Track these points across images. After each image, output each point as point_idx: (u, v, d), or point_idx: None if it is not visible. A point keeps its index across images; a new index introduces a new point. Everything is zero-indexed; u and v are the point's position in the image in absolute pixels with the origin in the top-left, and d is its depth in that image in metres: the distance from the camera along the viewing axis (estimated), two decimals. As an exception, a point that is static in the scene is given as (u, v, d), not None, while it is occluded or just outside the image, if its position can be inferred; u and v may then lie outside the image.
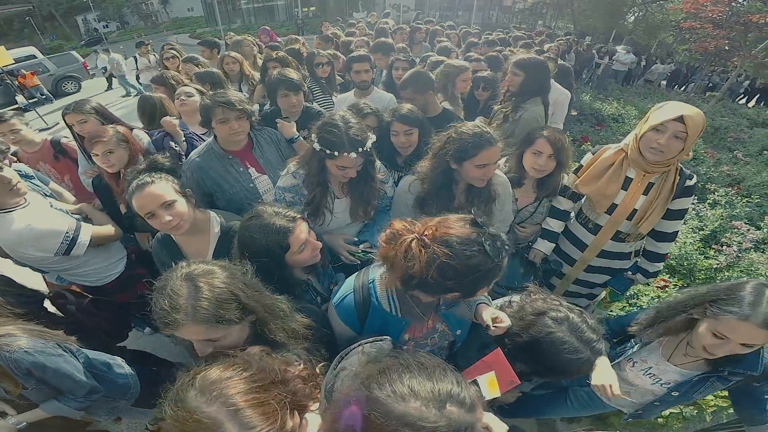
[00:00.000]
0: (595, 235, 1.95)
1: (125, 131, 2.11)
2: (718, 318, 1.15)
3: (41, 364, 1.25)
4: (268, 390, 0.76)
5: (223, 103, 1.83)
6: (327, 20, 11.46)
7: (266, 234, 1.25)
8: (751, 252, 3.10)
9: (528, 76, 2.51)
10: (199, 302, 0.95)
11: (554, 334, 1.09)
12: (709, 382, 1.32)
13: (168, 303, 0.94)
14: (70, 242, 1.73)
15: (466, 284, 0.94)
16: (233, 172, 2.00)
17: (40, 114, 9.21)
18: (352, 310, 1.18)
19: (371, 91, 2.92)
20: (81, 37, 37.49)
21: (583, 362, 1.08)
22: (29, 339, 1.26)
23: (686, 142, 1.53)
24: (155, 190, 1.42)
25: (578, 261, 2.08)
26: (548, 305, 1.18)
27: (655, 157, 1.61)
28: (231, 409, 0.68)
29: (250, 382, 0.75)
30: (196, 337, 0.99)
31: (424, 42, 5.68)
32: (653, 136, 1.57)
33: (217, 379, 0.73)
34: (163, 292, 0.97)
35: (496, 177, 1.74)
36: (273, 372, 0.81)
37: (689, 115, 1.48)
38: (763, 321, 1.07)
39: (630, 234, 1.87)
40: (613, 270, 2.07)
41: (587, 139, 5.45)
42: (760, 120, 9.28)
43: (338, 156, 1.52)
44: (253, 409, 0.70)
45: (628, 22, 20.72)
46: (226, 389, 0.71)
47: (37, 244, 1.66)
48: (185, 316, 0.93)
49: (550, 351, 1.08)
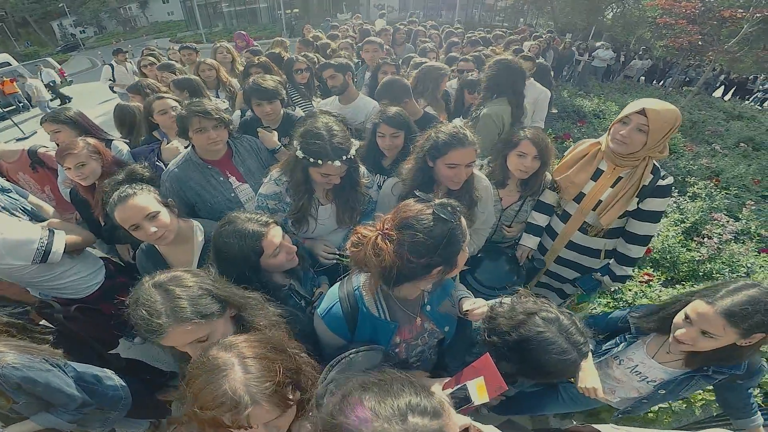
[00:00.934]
0: (564, 224, 2.00)
1: (96, 143, 2.06)
2: (692, 301, 1.23)
3: (30, 378, 1.25)
4: (276, 355, 0.85)
5: (199, 113, 1.80)
6: (309, 22, 11.38)
7: (239, 239, 1.27)
8: (732, 243, 3.18)
9: (493, 76, 2.57)
10: (175, 303, 0.98)
11: (543, 333, 1.09)
12: (695, 380, 1.35)
13: (145, 312, 0.96)
14: (45, 248, 1.71)
15: (441, 254, 0.98)
16: (213, 182, 1.97)
17: (16, 122, 8.93)
18: (341, 319, 1.17)
19: (356, 96, 2.87)
20: (57, 42, 36.56)
21: (569, 364, 1.08)
22: (16, 354, 1.26)
23: (649, 135, 1.57)
24: (138, 202, 1.41)
25: (550, 250, 2.13)
26: (539, 306, 1.19)
27: (618, 148, 1.67)
28: (240, 357, 0.81)
29: (263, 344, 0.86)
30: (183, 340, 1.00)
31: (407, 43, 5.68)
32: (618, 128, 1.65)
33: (236, 340, 0.86)
34: (137, 305, 0.98)
35: (478, 181, 1.75)
36: (284, 346, 0.91)
37: (651, 109, 1.53)
38: (724, 309, 1.13)
39: (594, 226, 1.89)
40: (583, 267, 2.09)
41: (569, 136, 5.51)
42: (736, 113, 9.57)
43: (322, 164, 1.51)
44: (259, 361, 0.81)
45: (606, 19, 21.17)
46: (241, 344, 0.84)
47: (13, 252, 1.64)
48: (167, 319, 0.96)
49: (538, 350, 1.08)
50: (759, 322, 1.10)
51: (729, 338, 1.15)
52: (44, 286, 1.87)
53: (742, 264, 2.99)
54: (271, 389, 0.77)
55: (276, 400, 0.78)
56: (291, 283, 1.50)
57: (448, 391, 1.09)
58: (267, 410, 0.77)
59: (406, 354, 1.25)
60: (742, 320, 1.11)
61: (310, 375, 0.96)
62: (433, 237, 0.96)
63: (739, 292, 1.14)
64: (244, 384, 0.76)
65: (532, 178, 1.96)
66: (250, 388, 0.76)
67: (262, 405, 0.76)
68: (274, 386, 0.78)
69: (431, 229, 0.97)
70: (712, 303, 1.16)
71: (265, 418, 0.78)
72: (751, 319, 1.10)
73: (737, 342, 1.16)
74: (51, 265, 1.77)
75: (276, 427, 0.82)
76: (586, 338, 1.14)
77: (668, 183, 1.71)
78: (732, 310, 1.12)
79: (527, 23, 22.88)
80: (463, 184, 1.67)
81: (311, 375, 0.97)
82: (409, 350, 1.25)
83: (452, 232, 0.98)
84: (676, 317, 1.26)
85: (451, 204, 1.02)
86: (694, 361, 1.31)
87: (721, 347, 1.19)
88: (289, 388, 0.83)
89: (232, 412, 0.74)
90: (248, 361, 0.80)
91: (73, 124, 2.38)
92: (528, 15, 27.90)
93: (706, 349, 1.21)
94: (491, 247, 2.13)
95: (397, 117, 2.06)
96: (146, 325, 0.95)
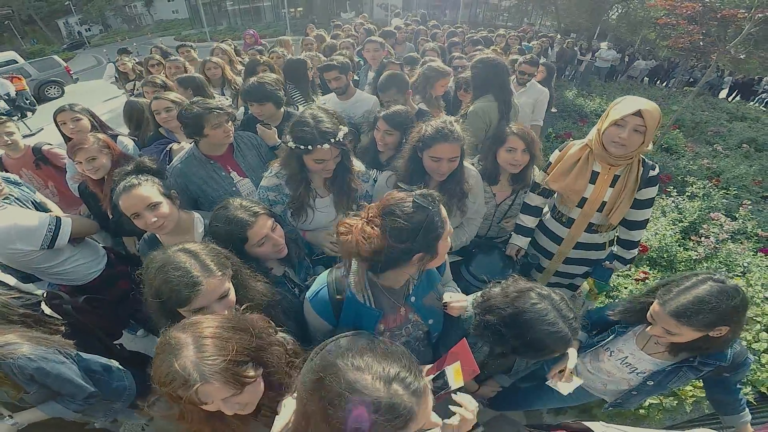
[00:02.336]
0: (569, 229, 2.02)
1: (105, 138, 2.13)
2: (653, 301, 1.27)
3: (44, 369, 1.28)
4: (233, 334, 0.87)
5: (215, 108, 1.89)
6: (312, 22, 11.39)
7: (227, 224, 1.35)
8: (728, 243, 3.20)
9: (477, 74, 2.61)
10: (202, 259, 1.10)
11: (537, 305, 1.14)
12: (682, 372, 1.37)
13: (180, 272, 1.04)
14: (53, 233, 1.81)
15: (422, 240, 1.03)
16: (216, 177, 2.02)
17: (23, 119, 9.03)
18: (327, 303, 1.22)
19: (353, 93, 2.91)
20: (63, 40, 36.81)
21: (560, 337, 1.12)
22: (31, 346, 1.30)
23: (646, 135, 1.60)
24: (142, 191, 1.48)
25: (556, 254, 2.15)
26: (533, 284, 1.25)
27: (618, 151, 1.68)
28: (196, 336, 0.83)
29: (221, 324, 0.88)
30: (215, 293, 1.09)
31: (408, 42, 5.71)
32: (615, 131, 1.64)
33: (196, 320, 0.89)
34: (164, 269, 1.06)
35: (467, 170, 1.80)
36: (245, 325, 0.92)
37: (647, 110, 1.55)
38: (671, 310, 1.17)
39: (602, 225, 1.94)
40: (591, 261, 2.14)
41: (570, 135, 5.54)
42: (739, 114, 9.56)
43: (313, 150, 1.56)
44: (213, 341, 0.83)
45: (611, 19, 21.05)
46: (198, 324, 0.87)
47: (24, 238, 1.73)
48: (201, 273, 1.06)
49: (532, 322, 1.12)
50: (707, 320, 1.13)
51: (690, 334, 1.19)
52: (48, 272, 1.93)
53: (738, 263, 3.01)
54: (221, 366, 0.80)
55: (227, 377, 0.80)
56: (286, 270, 1.56)
57: (429, 377, 1.12)
58: (218, 387, 0.80)
59: None
60: (689, 320, 1.14)
61: (278, 353, 0.98)
62: (412, 223, 1.01)
63: (688, 291, 1.17)
64: (194, 362, 0.79)
65: (523, 171, 2.02)
66: (199, 366, 0.79)
67: (212, 383, 0.79)
68: (225, 364, 0.80)
69: (411, 216, 1.02)
70: (663, 304, 1.20)
71: (219, 395, 0.81)
72: (697, 317, 1.14)
73: (709, 334, 1.18)
74: (56, 251, 1.85)
75: (238, 403, 0.86)
76: (575, 315, 1.18)
77: (657, 172, 1.81)
78: (678, 311, 1.16)
79: (530, 23, 22.82)
80: (453, 176, 1.72)
81: (280, 354, 0.99)
82: (393, 340, 1.27)
83: (430, 218, 1.02)
84: (648, 314, 1.30)
85: (431, 194, 1.06)
86: (678, 352, 1.34)
87: (697, 338, 1.21)
88: (246, 366, 0.85)
89: (182, 388, 0.77)
90: (203, 340, 0.83)
91: (89, 114, 2.50)
92: (532, 15, 27.80)
93: (681, 341, 1.24)
94: (487, 242, 2.17)
95: (395, 116, 2.08)
96: (181, 285, 1.03)
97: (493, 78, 2.56)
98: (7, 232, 1.70)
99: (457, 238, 1.94)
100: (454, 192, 1.73)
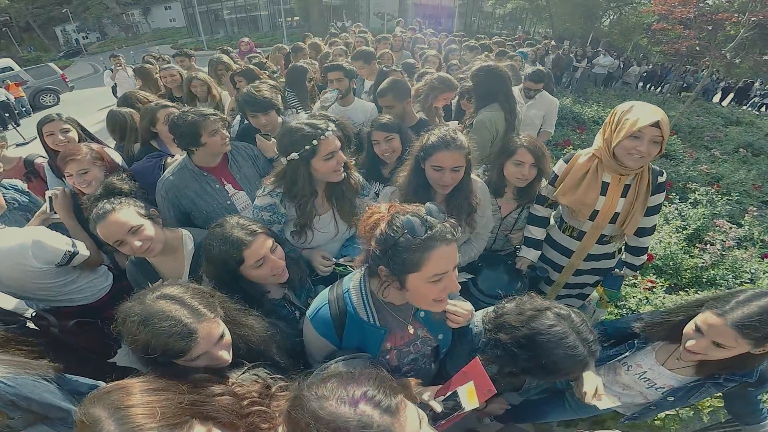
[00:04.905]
0: (579, 241, 1.96)
1: (99, 149, 2.05)
2: (703, 311, 1.20)
3: (24, 395, 1.23)
4: (156, 395, 0.79)
5: (210, 114, 1.81)
6: (310, 30, 11.43)
7: (222, 243, 1.25)
8: (735, 249, 3.16)
9: (477, 84, 2.57)
10: (189, 303, 0.97)
11: (555, 327, 1.09)
12: (705, 388, 1.33)
13: (170, 322, 0.91)
14: (72, 251, 1.73)
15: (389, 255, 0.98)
16: (209, 190, 1.94)
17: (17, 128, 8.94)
18: (329, 322, 1.15)
19: (351, 100, 2.89)
20: (60, 48, 36.82)
21: (578, 360, 1.07)
22: (10, 370, 1.23)
23: (663, 144, 1.55)
24: (119, 217, 1.38)
25: (566, 267, 2.08)
26: (550, 303, 1.20)
27: (637, 164, 1.61)
28: (112, 408, 0.73)
29: (139, 388, 0.79)
30: (212, 338, 0.98)
31: (405, 50, 5.71)
32: (631, 144, 1.55)
33: (108, 388, 0.80)
34: (150, 323, 0.91)
35: (474, 183, 1.73)
36: (167, 383, 0.84)
37: (662, 120, 1.50)
38: (734, 321, 1.10)
39: (615, 236, 1.89)
40: (601, 270, 2.09)
41: (569, 142, 5.53)
42: (734, 118, 9.63)
43: (319, 144, 1.49)
44: (134, 408, 0.74)
45: (603, 26, 21.35)
46: (111, 393, 0.77)
47: (41, 254, 1.64)
48: (193, 319, 0.94)
49: (550, 344, 1.07)
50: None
51: (742, 348, 1.13)
52: (59, 292, 1.85)
53: (745, 270, 2.97)
54: None
55: None
56: (285, 293, 1.47)
57: (440, 398, 1.07)
58: None
59: (397, 361, 1.22)
60: (754, 331, 1.08)
61: (226, 402, 0.90)
62: (390, 232, 0.98)
63: (750, 302, 1.12)
64: None
65: (529, 185, 1.95)
66: None
67: None
68: (157, 430, 0.72)
69: (394, 227, 0.97)
70: (722, 315, 1.13)
71: None
72: (763, 330, 1.08)
73: (751, 351, 1.14)
74: (68, 269, 1.78)
75: None
76: (595, 337, 1.13)
77: (665, 178, 1.79)
78: (743, 322, 1.09)
79: (525, 30, 23.08)
80: (460, 189, 1.64)
81: (228, 401, 0.91)
82: (401, 357, 1.23)
83: (406, 240, 0.95)
84: (686, 328, 1.24)
85: (428, 220, 0.97)
86: (706, 369, 1.29)
87: (734, 356, 1.16)
88: (187, 426, 0.77)
89: None
90: (123, 411, 0.74)
91: (76, 124, 2.40)
92: (526, 22, 28.16)
93: (719, 358, 1.18)
94: (493, 257, 2.11)
95: (387, 122, 2.07)
96: (177, 332, 0.91)
97: (497, 87, 2.51)
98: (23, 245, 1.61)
99: (465, 254, 1.87)
100: (462, 207, 1.66)
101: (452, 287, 1.03)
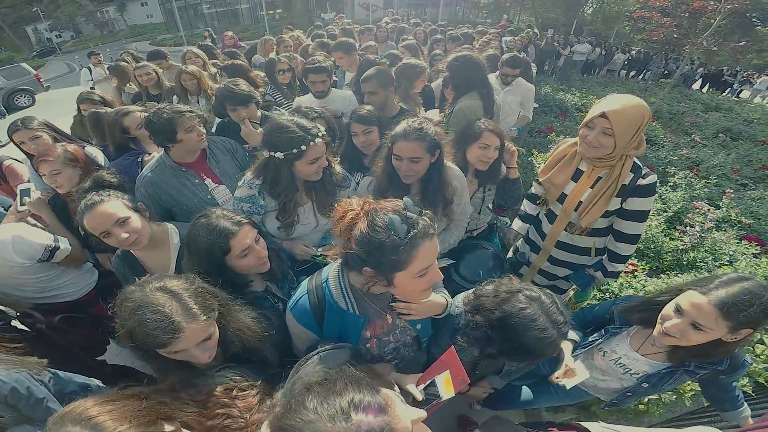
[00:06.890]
0: (551, 224, 2.00)
1: (76, 149, 2.01)
2: (684, 291, 1.20)
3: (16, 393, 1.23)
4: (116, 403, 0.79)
5: (185, 111, 1.80)
6: (292, 22, 11.24)
7: (208, 233, 1.25)
8: (713, 231, 3.23)
9: (453, 73, 2.58)
10: (185, 302, 0.98)
11: (525, 310, 1.10)
12: (677, 375, 1.34)
13: (159, 316, 0.93)
14: (53, 247, 1.76)
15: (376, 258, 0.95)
16: (189, 185, 1.91)
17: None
18: (308, 312, 1.16)
19: (329, 93, 2.87)
20: (32, 47, 35.50)
21: (549, 342, 1.09)
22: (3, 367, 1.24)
23: (616, 137, 1.53)
24: (107, 208, 1.39)
25: (542, 250, 2.13)
26: (523, 286, 1.20)
27: (588, 152, 1.64)
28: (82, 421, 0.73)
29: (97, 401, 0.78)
30: (196, 339, 0.99)
31: (389, 41, 5.65)
32: (585, 132, 1.61)
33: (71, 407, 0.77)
34: (142, 310, 0.93)
35: (451, 172, 1.72)
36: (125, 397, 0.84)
37: (612, 111, 1.49)
38: (718, 300, 1.10)
39: (576, 225, 1.88)
40: (575, 265, 2.09)
41: (552, 129, 5.57)
42: (714, 104, 9.83)
43: (306, 149, 1.49)
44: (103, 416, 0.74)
45: (586, 14, 21.53)
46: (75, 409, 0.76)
47: (22, 250, 1.67)
48: (182, 318, 0.95)
49: (520, 327, 1.08)
50: (752, 315, 1.08)
51: (719, 332, 1.13)
52: (44, 288, 1.85)
53: (724, 252, 3.04)
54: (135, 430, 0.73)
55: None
56: (268, 285, 1.48)
57: (421, 386, 1.08)
58: None
59: (378, 350, 1.23)
60: (736, 313, 1.09)
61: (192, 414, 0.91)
62: (372, 234, 0.95)
63: (733, 284, 1.12)
64: None
65: (490, 167, 1.98)
66: None
67: None
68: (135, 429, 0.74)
69: (376, 228, 0.94)
70: (706, 294, 1.14)
71: None
72: (745, 311, 1.08)
73: (723, 338, 1.14)
74: (52, 264, 1.81)
75: None
76: (565, 318, 1.14)
77: (650, 182, 1.64)
78: (727, 301, 1.10)
79: (509, 19, 23.12)
80: (430, 182, 1.64)
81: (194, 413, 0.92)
82: (381, 346, 1.23)
83: (383, 243, 0.93)
84: (665, 308, 1.24)
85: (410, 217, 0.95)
86: (677, 356, 1.29)
87: (705, 343, 1.17)
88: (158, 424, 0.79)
89: None
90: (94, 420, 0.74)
91: (48, 129, 2.34)
92: (510, 11, 28.19)
93: (694, 342, 1.19)
94: (474, 243, 2.12)
95: (366, 115, 2.06)
96: (161, 329, 0.92)
97: (472, 75, 2.53)
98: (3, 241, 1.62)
99: (444, 241, 1.88)
100: (437, 200, 1.65)
101: (436, 277, 1.04)
